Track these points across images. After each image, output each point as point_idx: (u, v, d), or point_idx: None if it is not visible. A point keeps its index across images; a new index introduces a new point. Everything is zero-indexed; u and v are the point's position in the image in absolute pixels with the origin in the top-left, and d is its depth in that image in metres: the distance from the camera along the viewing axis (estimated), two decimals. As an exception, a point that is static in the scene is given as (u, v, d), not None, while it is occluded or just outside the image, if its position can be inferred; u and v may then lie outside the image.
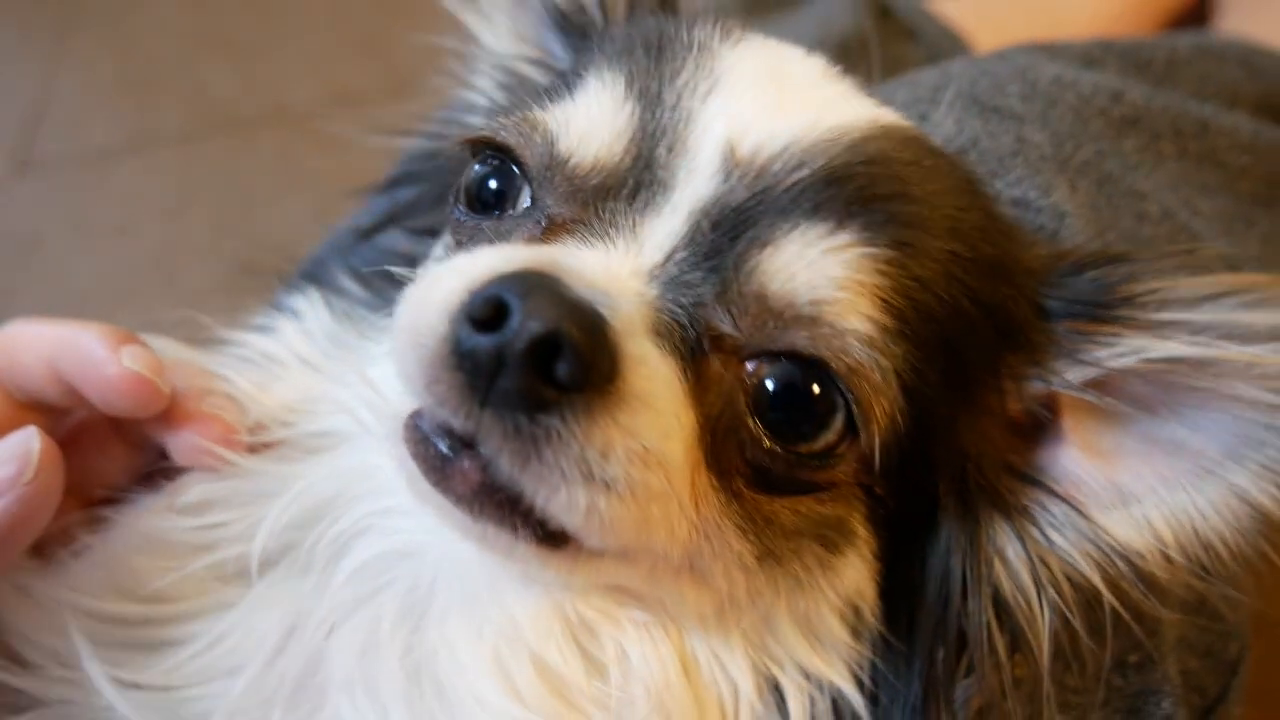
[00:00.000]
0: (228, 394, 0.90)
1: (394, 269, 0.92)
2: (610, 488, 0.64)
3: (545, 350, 0.61)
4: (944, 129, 1.13)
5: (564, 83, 0.85)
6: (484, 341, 0.62)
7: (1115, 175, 1.14)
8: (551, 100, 0.82)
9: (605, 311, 0.64)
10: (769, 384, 0.71)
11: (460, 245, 0.82)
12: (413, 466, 0.70)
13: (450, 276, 0.68)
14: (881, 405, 0.71)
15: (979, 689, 0.79)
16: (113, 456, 0.91)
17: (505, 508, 0.67)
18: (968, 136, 1.12)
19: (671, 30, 0.84)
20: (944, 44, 1.74)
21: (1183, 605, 1.03)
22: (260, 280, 1.11)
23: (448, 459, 0.67)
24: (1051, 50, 1.27)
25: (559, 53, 1.02)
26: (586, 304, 0.64)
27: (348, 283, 1.03)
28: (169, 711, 0.80)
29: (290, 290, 1.07)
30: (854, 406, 0.71)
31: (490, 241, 0.79)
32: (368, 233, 1.08)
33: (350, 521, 0.83)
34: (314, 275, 1.08)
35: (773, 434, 0.71)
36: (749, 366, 0.72)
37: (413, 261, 0.98)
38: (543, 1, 1.01)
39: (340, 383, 0.91)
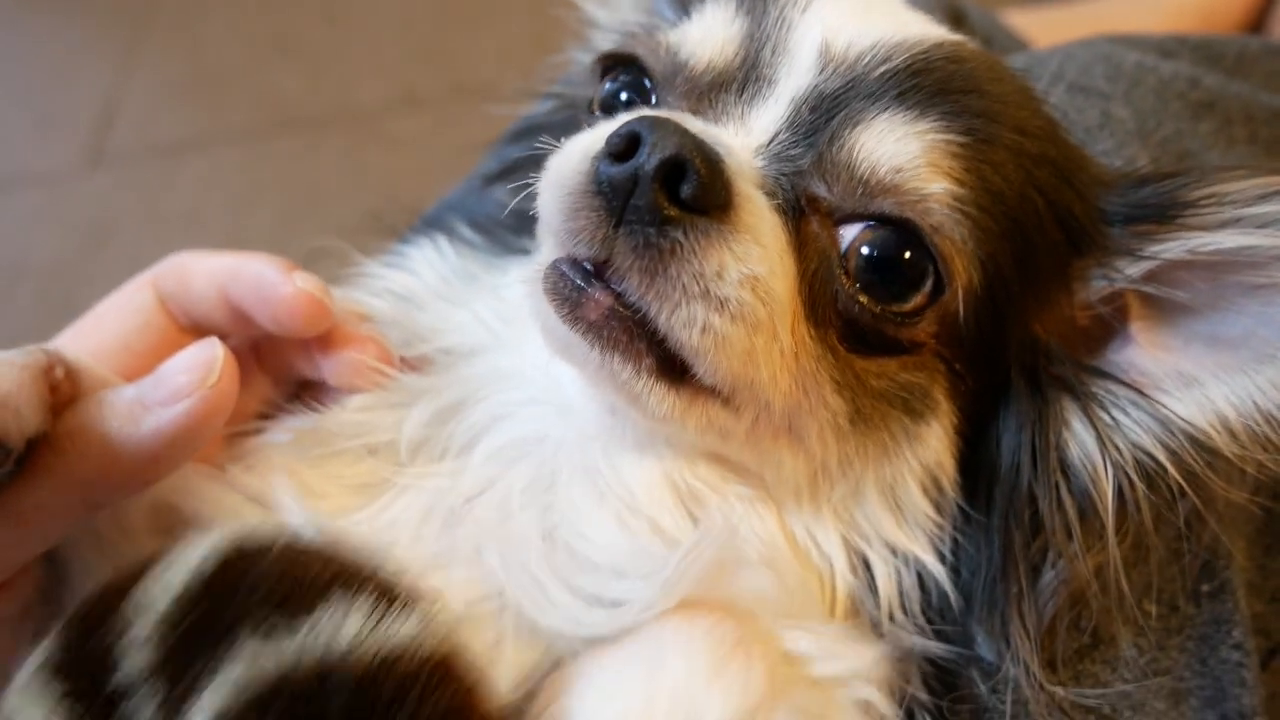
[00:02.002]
0: (377, 318, 0.98)
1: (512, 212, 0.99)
2: (724, 306, 0.73)
3: (672, 171, 0.71)
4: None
5: (683, 12, 0.96)
6: (621, 168, 0.72)
7: (1194, 153, 1.19)
8: (673, 27, 0.94)
9: (721, 151, 0.75)
10: (865, 250, 0.79)
11: None
12: (548, 309, 0.78)
13: (589, 134, 0.79)
14: (962, 262, 0.80)
15: (1066, 578, 0.84)
16: (254, 386, 0.97)
17: (630, 333, 0.75)
18: (1059, 112, 1.18)
19: None
20: (1015, 52, 1.80)
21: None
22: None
23: (581, 289, 0.76)
24: (1130, 41, 1.33)
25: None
26: (706, 141, 0.74)
27: (468, 231, 1.10)
28: None
29: (414, 237, 1.14)
30: (940, 264, 0.79)
31: None
32: (493, 179, 1.16)
33: (483, 413, 0.91)
34: (437, 224, 1.15)
35: (870, 295, 0.80)
36: (843, 232, 0.80)
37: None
38: None
39: (473, 302, 1.00)
